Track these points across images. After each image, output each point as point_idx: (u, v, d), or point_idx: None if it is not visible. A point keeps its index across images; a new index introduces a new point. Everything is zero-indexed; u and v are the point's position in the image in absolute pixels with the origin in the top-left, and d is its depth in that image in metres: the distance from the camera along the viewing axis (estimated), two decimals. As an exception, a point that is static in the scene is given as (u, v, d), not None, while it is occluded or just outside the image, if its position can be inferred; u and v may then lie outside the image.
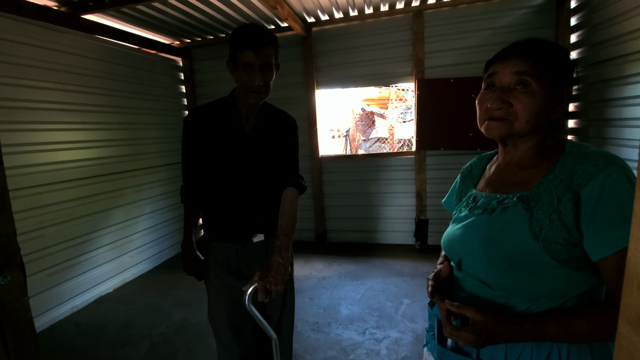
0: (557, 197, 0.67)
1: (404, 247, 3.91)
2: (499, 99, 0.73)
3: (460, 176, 0.98)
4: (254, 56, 1.11)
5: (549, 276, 0.67)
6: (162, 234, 3.92)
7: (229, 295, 1.30)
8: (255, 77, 1.13)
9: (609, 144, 2.60)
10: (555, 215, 0.67)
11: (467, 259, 0.78)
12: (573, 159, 0.70)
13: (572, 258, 0.66)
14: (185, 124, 1.29)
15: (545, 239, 0.67)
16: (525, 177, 0.76)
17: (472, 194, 0.86)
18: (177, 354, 2.25)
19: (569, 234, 0.65)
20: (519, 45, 0.75)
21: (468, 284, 0.80)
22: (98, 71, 3.14)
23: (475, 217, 0.79)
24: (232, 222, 1.30)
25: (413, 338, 2.27)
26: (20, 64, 2.49)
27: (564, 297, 0.69)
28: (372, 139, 8.56)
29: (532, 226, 0.68)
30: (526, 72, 0.71)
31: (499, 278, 0.72)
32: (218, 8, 3.23)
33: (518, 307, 0.71)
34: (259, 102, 1.22)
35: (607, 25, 2.58)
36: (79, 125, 2.96)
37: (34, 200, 2.57)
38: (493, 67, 0.77)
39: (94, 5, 2.95)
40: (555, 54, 0.73)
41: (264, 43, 1.12)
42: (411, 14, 3.55)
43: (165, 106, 4.00)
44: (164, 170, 3.94)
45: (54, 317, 2.70)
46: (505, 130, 0.74)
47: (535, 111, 0.72)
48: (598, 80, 2.73)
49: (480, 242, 0.75)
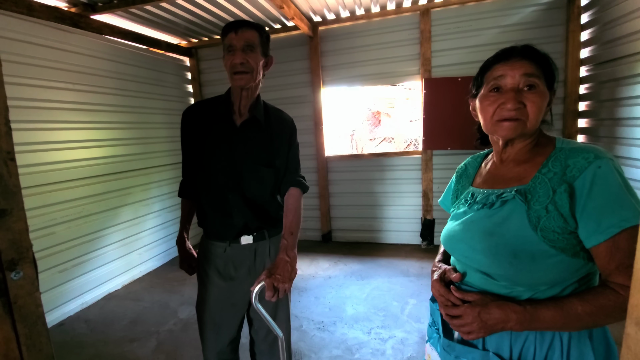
0: (552, 189, 0.71)
1: (410, 247, 3.89)
2: (515, 100, 0.74)
3: (455, 175, 1.01)
4: (235, 37, 1.15)
5: (549, 264, 0.71)
6: (170, 231, 3.96)
7: (213, 292, 1.32)
8: (236, 56, 1.16)
9: (620, 144, 2.55)
10: (552, 206, 0.71)
11: (469, 253, 0.81)
12: (565, 154, 0.74)
13: (569, 245, 0.70)
14: (182, 118, 1.33)
15: (543, 229, 0.71)
16: (520, 172, 0.79)
17: (469, 191, 0.89)
18: (184, 350, 2.27)
19: (565, 222, 0.70)
20: (520, 49, 0.78)
21: (471, 277, 0.82)
22: (107, 71, 3.18)
23: (475, 212, 0.82)
24: (220, 217, 1.30)
25: (419, 338, 2.26)
26: (31, 64, 2.53)
27: (563, 283, 0.73)
28: (378, 138, 8.55)
29: (531, 217, 0.72)
30: (533, 73, 0.75)
31: (502, 268, 0.74)
32: (225, 8, 3.24)
33: (521, 296, 0.75)
34: (244, 85, 1.20)
35: (618, 22, 2.53)
36: (88, 125, 3.00)
37: (45, 198, 2.62)
38: (496, 69, 0.79)
39: (103, 6, 2.98)
40: (547, 58, 0.78)
41: (245, 25, 1.16)
42: (418, 13, 3.53)
43: (172, 105, 4.04)
44: (171, 169, 3.98)
45: (64, 313, 2.75)
46: (520, 130, 0.76)
47: (542, 110, 0.76)
48: (609, 78, 2.69)
49: (481, 235, 0.78)
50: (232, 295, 1.33)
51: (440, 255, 0.99)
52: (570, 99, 3.20)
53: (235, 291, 1.32)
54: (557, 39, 3.22)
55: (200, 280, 1.38)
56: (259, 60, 1.20)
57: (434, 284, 0.86)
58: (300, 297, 2.90)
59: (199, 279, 1.39)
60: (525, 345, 0.74)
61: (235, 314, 1.35)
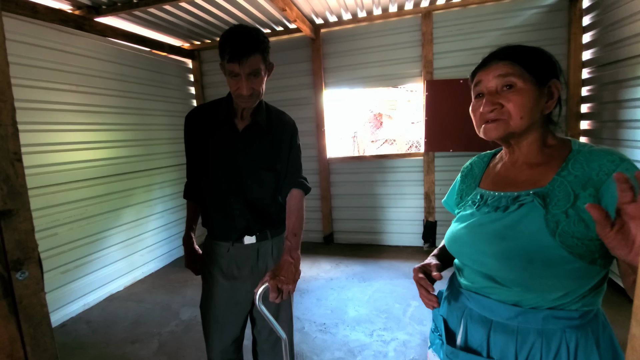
0: (574, 192, 0.69)
1: (412, 249, 3.89)
2: (489, 102, 0.76)
3: (460, 175, 0.99)
4: (239, 67, 1.10)
5: (565, 270, 0.68)
6: (172, 233, 3.97)
7: (216, 292, 1.34)
8: (242, 86, 1.13)
9: (623, 146, 2.55)
10: (572, 210, 0.68)
11: (477, 257, 0.79)
12: (584, 156, 0.72)
13: (587, 252, 0.67)
14: (185, 122, 1.34)
15: (561, 234, 0.68)
16: (534, 174, 0.77)
17: (477, 193, 0.87)
18: (186, 351, 2.27)
19: (587, 228, 0.67)
20: (497, 53, 0.79)
21: (477, 282, 0.81)
22: (110, 73, 3.20)
23: (484, 215, 0.80)
24: (223, 219, 1.31)
25: (421, 340, 2.25)
26: (35, 66, 2.55)
27: (575, 292, 0.70)
28: (380, 140, 8.55)
29: (548, 222, 0.69)
30: (508, 73, 0.75)
31: (515, 274, 0.72)
32: (228, 10, 3.26)
33: (529, 303, 0.73)
34: (249, 107, 1.23)
35: (620, 25, 2.53)
36: (91, 126, 3.02)
37: (48, 199, 2.63)
38: (477, 77, 0.81)
39: (107, 9, 3.00)
40: (532, 52, 0.77)
41: (248, 52, 1.09)
42: (420, 15, 3.54)
43: (175, 107, 4.06)
44: (174, 171, 3.99)
45: (65, 314, 2.76)
46: (502, 130, 0.76)
47: (528, 107, 0.74)
48: (611, 81, 2.68)
49: (491, 238, 0.76)
50: (235, 295, 1.34)
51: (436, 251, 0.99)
52: (572, 101, 3.20)
53: (238, 290, 1.33)
54: (559, 42, 3.22)
55: (204, 280, 1.40)
56: (263, 81, 1.20)
57: (415, 270, 0.88)
58: (302, 298, 2.89)
59: (203, 279, 1.41)
60: (531, 353, 0.73)
61: (239, 313, 1.36)
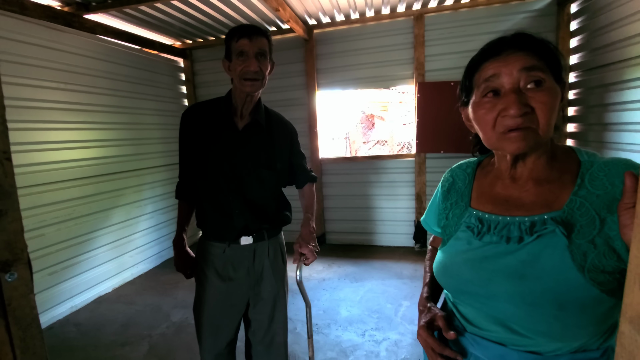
0: (599, 217, 0.56)
1: (404, 249, 3.91)
2: (518, 103, 0.57)
3: (441, 189, 0.82)
4: (249, 43, 1.16)
5: (600, 313, 0.56)
6: (163, 234, 3.92)
7: (211, 294, 1.32)
8: (251, 63, 1.16)
9: (609, 148, 2.61)
10: (600, 238, 0.55)
11: (485, 300, 0.64)
12: (601, 169, 0.59)
13: (619, 287, 0.53)
14: (182, 119, 1.32)
15: (591, 270, 0.55)
16: (545, 194, 0.63)
17: (472, 215, 0.70)
18: (177, 354, 2.25)
19: (619, 260, 0.54)
20: (513, 39, 0.61)
21: (481, 325, 0.67)
22: (100, 71, 3.15)
23: (489, 246, 0.64)
24: (221, 219, 1.30)
25: (412, 340, 2.27)
26: (23, 63, 2.49)
27: (601, 331, 0.59)
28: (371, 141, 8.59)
29: (574, 255, 0.56)
30: (535, 66, 0.58)
31: (543, 325, 0.59)
32: (220, 9, 3.24)
33: (550, 350, 0.61)
34: (254, 91, 1.21)
35: (607, 30, 2.59)
36: (80, 125, 2.96)
37: (34, 199, 2.57)
38: (487, 68, 0.62)
39: (97, 6, 2.96)
40: (548, 44, 0.62)
41: (258, 33, 1.18)
42: (412, 17, 3.57)
43: (166, 107, 4.01)
44: (164, 171, 3.94)
45: (53, 316, 2.70)
46: (532, 141, 0.59)
47: (555, 111, 0.60)
48: (598, 84, 2.75)
49: (504, 278, 0.61)
50: (231, 296, 1.32)
51: (427, 289, 0.80)
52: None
53: (234, 292, 1.32)
54: (547, 45, 3.28)
55: (198, 282, 1.38)
56: (268, 66, 1.23)
57: (420, 332, 0.70)
58: (294, 299, 2.89)
59: (196, 281, 1.39)
60: None
61: (234, 315, 1.35)
